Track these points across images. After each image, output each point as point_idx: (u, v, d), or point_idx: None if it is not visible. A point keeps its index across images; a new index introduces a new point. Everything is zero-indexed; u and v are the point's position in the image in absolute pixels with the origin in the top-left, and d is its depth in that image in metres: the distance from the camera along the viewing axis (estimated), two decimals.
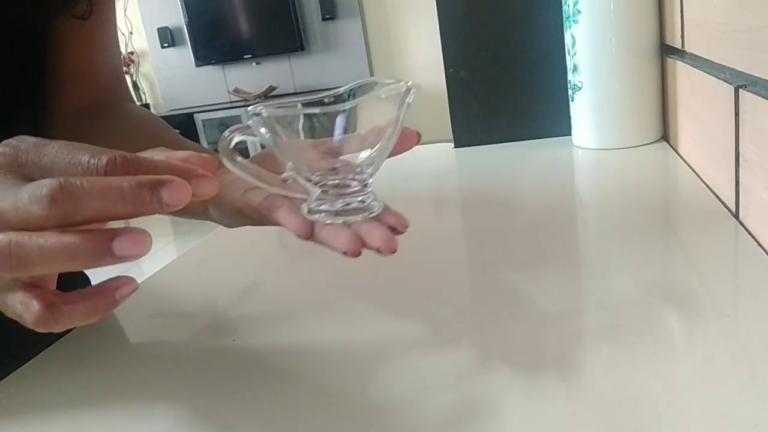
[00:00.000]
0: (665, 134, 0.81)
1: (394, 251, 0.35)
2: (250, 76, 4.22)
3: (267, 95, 4.07)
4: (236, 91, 4.15)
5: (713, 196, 0.59)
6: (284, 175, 0.37)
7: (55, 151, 0.29)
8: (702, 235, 0.51)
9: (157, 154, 0.31)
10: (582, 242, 0.57)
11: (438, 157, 0.93)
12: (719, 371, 0.33)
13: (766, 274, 0.43)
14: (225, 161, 0.37)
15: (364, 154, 0.37)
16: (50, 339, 0.48)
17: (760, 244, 0.47)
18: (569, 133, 0.86)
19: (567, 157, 0.82)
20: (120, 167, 0.28)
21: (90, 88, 0.60)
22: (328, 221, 0.37)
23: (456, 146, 0.95)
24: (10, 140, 0.30)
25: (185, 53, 4.21)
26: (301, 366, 0.40)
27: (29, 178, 0.28)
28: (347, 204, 0.37)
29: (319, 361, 0.41)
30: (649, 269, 0.47)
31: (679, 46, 0.70)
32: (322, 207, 0.37)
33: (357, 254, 0.35)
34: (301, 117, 0.35)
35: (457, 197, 0.77)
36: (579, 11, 0.76)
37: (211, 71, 4.25)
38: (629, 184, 0.68)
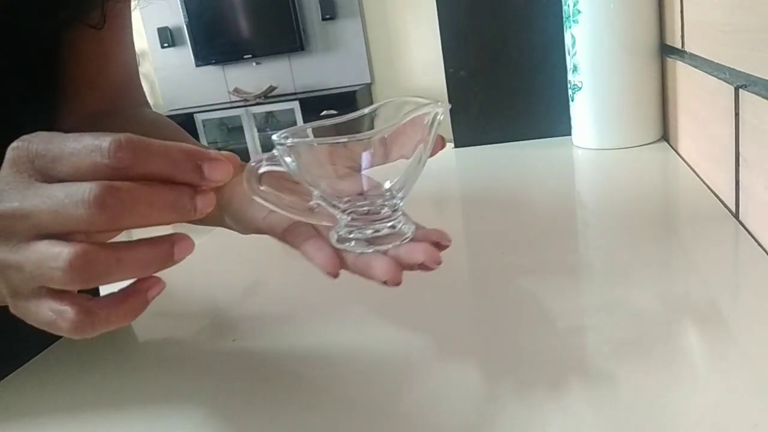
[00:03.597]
0: (665, 134, 0.81)
1: (439, 263, 0.34)
2: (250, 76, 4.21)
3: (267, 95, 4.06)
4: (236, 91, 4.14)
5: (713, 196, 0.58)
6: (311, 203, 0.36)
7: (61, 141, 0.28)
8: (702, 235, 0.51)
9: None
10: (582, 242, 0.57)
11: (438, 157, 0.92)
12: (719, 371, 0.33)
13: (766, 274, 0.43)
14: (249, 191, 0.35)
15: (394, 179, 0.35)
16: (49, 339, 0.48)
17: (760, 244, 0.47)
18: (569, 133, 0.86)
19: (567, 157, 0.82)
20: (125, 148, 0.26)
21: (102, 94, 0.60)
22: (359, 251, 0.35)
23: (456, 146, 0.95)
24: (23, 137, 0.29)
25: (185, 53, 4.21)
26: (301, 366, 0.40)
27: (40, 172, 0.28)
28: (377, 231, 0.36)
29: (319, 361, 0.41)
30: (649, 269, 0.47)
31: (679, 46, 0.70)
32: (352, 235, 0.36)
33: (398, 282, 0.34)
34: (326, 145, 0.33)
35: (457, 197, 0.77)
36: (579, 11, 0.76)
37: (211, 71, 4.25)
38: (629, 184, 0.68)
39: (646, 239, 0.53)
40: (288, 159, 0.34)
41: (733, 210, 0.54)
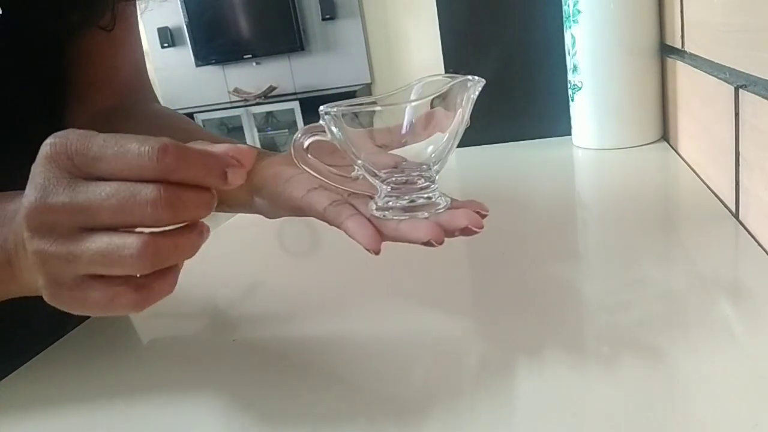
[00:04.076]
0: (665, 134, 0.81)
1: (481, 227, 0.36)
2: (250, 76, 4.21)
3: (267, 95, 4.06)
4: (236, 91, 4.14)
5: (713, 196, 0.58)
6: (354, 173, 0.38)
7: (102, 141, 0.29)
8: (702, 235, 0.51)
9: (196, 146, 0.32)
10: (582, 242, 0.57)
11: None
12: (719, 371, 0.33)
13: (766, 274, 0.43)
14: (297, 161, 0.38)
15: (429, 150, 0.37)
16: (47, 340, 0.48)
17: (760, 244, 0.47)
18: (569, 133, 0.86)
19: (567, 157, 0.82)
20: (171, 154, 0.29)
21: (113, 92, 0.60)
22: (395, 217, 0.37)
23: (456, 146, 0.95)
24: (58, 133, 0.30)
25: (185, 53, 4.21)
26: (301, 365, 0.40)
27: (80, 169, 0.29)
28: (413, 201, 0.38)
29: (319, 360, 0.41)
30: (649, 269, 0.47)
31: (679, 46, 0.70)
32: (390, 203, 0.38)
33: (440, 241, 0.35)
34: (369, 113, 0.36)
35: (457, 197, 0.77)
36: (579, 11, 0.76)
37: (211, 71, 4.25)
38: (629, 184, 0.68)
39: (646, 239, 0.53)
40: (334, 129, 0.36)
41: (733, 210, 0.54)
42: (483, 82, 0.36)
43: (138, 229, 0.30)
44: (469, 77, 0.36)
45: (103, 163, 0.29)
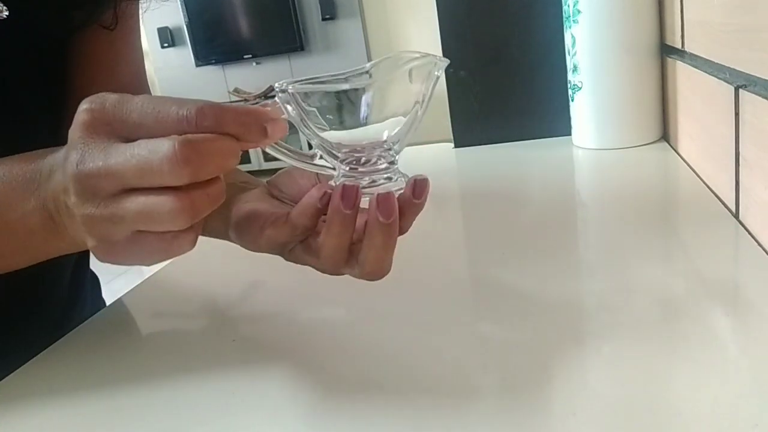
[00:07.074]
0: (665, 134, 0.81)
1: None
2: (250, 76, 4.22)
3: (267, 95, 4.07)
4: (236, 91, 4.15)
5: (713, 196, 0.59)
6: (311, 151, 0.38)
7: (140, 105, 0.30)
8: (702, 235, 0.51)
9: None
10: (582, 242, 0.57)
11: (438, 156, 0.93)
12: (719, 371, 0.33)
13: (766, 274, 0.43)
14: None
15: (392, 131, 0.36)
16: (51, 337, 0.48)
17: (760, 244, 0.47)
18: (569, 133, 0.86)
19: (567, 157, 0.82)
20: (208, 116, 0.29)
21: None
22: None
23: (456, 146, 0.95)
24: (94, 98, 0.31)
25: (185, 53, 4.21)
26: (301, 365, 0.40)
27: (119, 135, 0.30)
28: (374, 181, 0.37)
29: (319, 360, 0.41)
30: (649, 269, 0.47)
31: (679, 46, 0.70)
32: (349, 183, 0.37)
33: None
34: (328, 94, 0.35)
35: (457, 197, 0.77)
36: (579, 11, 0.76)
37: (211, 71, 4.26)
38: (629, 184, 0.68)
39: (646, 239, 0.53)
40: (289, 107, 0.35)
41: (733, 210, 0.54)
42: (447, 61, 0.36)
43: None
44: (431, 54, 0.35)
45: (145, 129, 0.29)
